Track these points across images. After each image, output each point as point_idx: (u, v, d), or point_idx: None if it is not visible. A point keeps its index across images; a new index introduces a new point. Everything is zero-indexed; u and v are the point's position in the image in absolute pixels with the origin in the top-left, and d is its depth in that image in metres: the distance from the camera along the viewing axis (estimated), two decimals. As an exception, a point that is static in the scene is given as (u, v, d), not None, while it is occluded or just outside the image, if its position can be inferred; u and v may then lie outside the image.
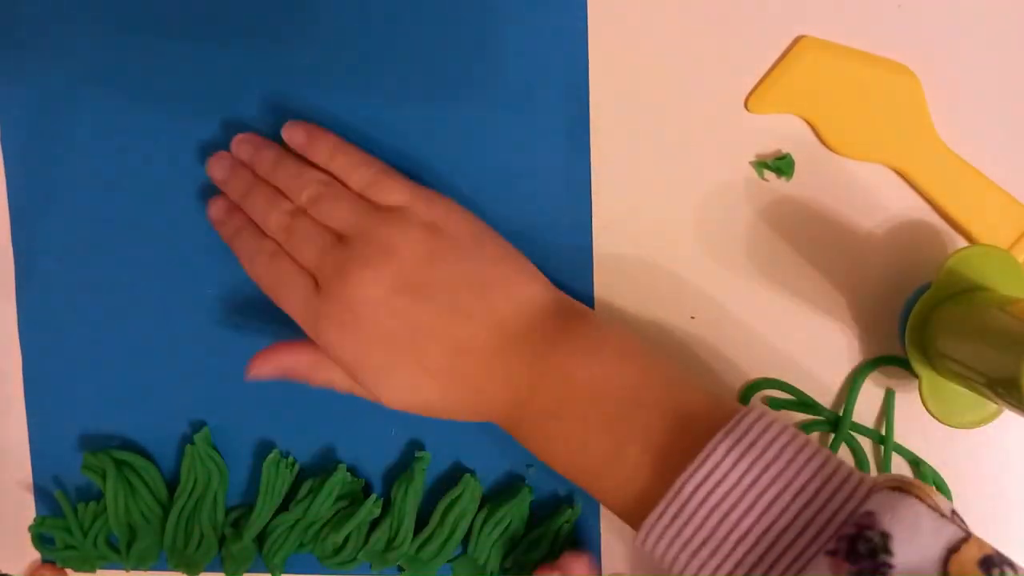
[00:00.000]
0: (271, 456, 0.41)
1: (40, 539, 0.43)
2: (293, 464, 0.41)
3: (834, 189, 0.40)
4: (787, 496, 0.29)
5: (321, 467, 0.42)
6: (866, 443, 0.41)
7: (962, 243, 0.40)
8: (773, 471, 0.29)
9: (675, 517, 0.29)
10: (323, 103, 0.40)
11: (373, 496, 0.41)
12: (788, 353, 0.40)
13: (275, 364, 0.37)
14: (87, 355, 0.42)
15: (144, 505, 0.41)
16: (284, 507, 0.41)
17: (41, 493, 0.43)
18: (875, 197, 0.40)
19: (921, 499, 0.28)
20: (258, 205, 0.37)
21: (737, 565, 0.29)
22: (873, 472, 0.41)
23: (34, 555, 0.44)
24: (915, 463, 0.40)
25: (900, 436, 0.40)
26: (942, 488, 0.40)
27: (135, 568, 0.42)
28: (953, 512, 0.29)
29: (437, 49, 0.39)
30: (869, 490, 0.29)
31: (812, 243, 0.40)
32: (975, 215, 0.39)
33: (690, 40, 0.39)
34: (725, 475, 0.29)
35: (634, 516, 0.32)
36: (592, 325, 0.35)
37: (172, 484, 0.42)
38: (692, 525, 0.29)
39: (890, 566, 0.26)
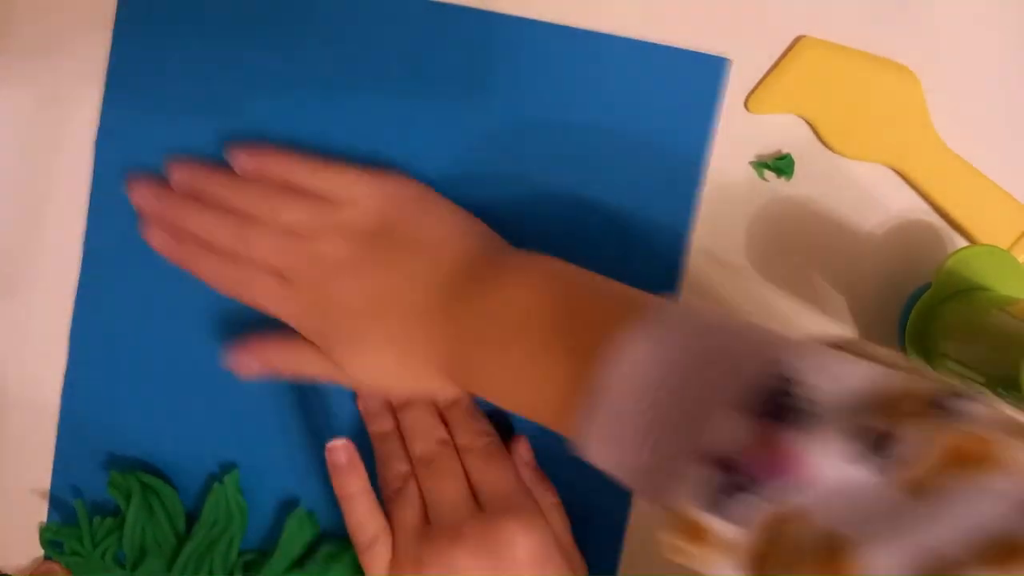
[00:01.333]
0: (297, 511, 0.41)
1: (50, 544, 0.43)
2: (316, 524, 0.41)
3: (834, 189, 0.40)
4: (693, 361, 0.27)
5: (342, 531, 0.42)
6: (866, 443, 0.41)
7: (962, 243, 0.40)
8: (682, 342, 0.28)
9: (598, 415, 0.29)
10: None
11: None
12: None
13: (258, 356, 0.38)
14: (130, 376, 0.42)
15: (160, 532, 0.41)
16: (299, 564, 0.41)
17: (56, 500, 0.43)
18: (875, 197, 0.40)
19: (844, 348, 0.26)
20: (202, 224, 0.38)
21: (650, 441, 0.28)
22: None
23: (34, 557, 0.44)
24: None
25: (900, 436, 0.40)
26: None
27: (137, 586, 0.42)
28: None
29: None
30: (784, 345, 0.27)
31: (812, 243, 0.40)
32: (975, 215, 0.39)
33: (690, 40, 0.39)
34: (637, 360, 0.28)
35: (567, 425, 0.31)
36: (516, 257, 0.36)
37: (190, 517, 0.42)
38: (613, 417, 0.28)
39: (795, 410, 0.24)
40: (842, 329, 0.40)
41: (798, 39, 0.39)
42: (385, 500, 0.38)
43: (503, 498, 0.36)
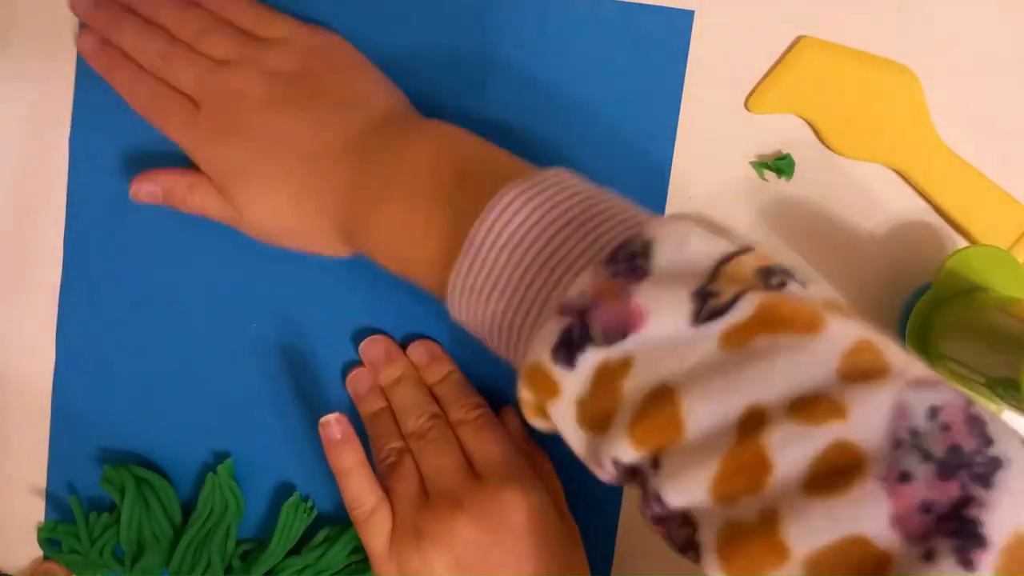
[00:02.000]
0: (291, 499, 0.41)
1: (47, 543, 0.43)
2: (311, 509, 0.41)
3: (834, 189, 0.40)
4: (561, 224, 0.28)
5: (337, 517, 0.42)
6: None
7: (962, 243, 0.40)
8: (553, 206, 0.29)
9: (469, 267, 0.29)
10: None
11: None
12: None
13: (155, 181, 0.38)
14: (120, 370, 0.42)
15: (156, 524, 0.41)
16: (296, 550, 0.41)
17: (52, 498, 0.43)
18: (875, 197, 0.40)
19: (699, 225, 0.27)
20: (133, 36, 0.38)
21: (514, 297, 0.29)
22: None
23: (34, 557, 0.44)
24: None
25: (900, 436, 0.40)
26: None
27: (136, 582, 0.42)
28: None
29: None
30: (648, 217, 0.29)
31: (812, 243, 0.40)
32: (975, 215, 0.39)
33: (690, 40, 0.39)
34: (512, 217, 0.29)
35: (443, 282, 0.31)
36: (424, 123, 0.36)
37: (186, 508, 0.42)
38: (482, 270, 0.29)
39: (645, 271, 0.26)
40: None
41: (798, 39, 0.39)
42: (381, 476, 0.38)
43: (499, 466, 0.36)
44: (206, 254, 0.41)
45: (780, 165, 0.39)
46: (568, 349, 0.26)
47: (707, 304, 0.25)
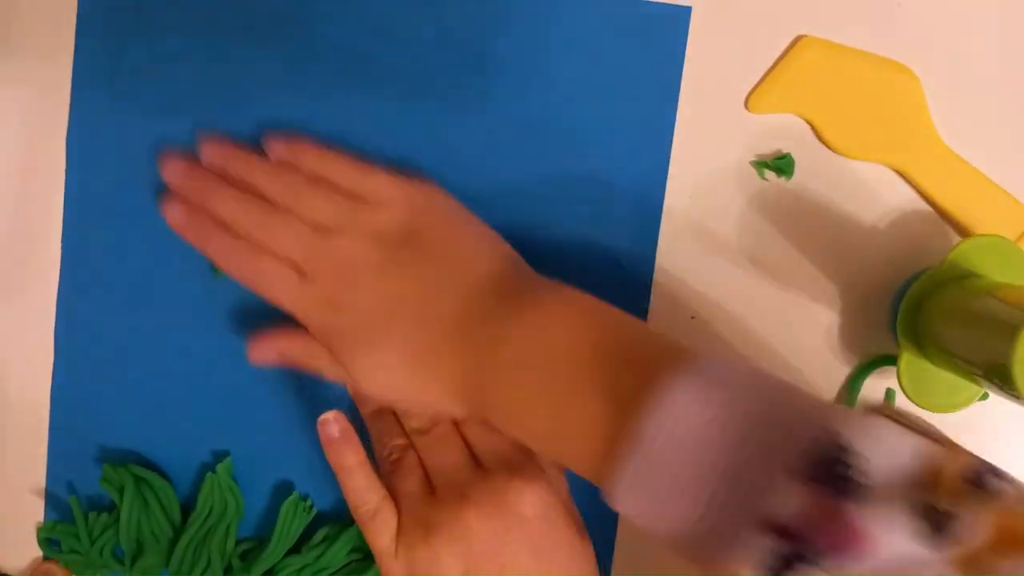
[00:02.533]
0: (290, 499, 0.41)
1: (47, 542, 0.43)
2: (311, 508, 0.41)
3: (834, 189, 0.40)
4: (748, 423, 0.27)
5: (337, 515, 0.42)
6: (866, 443, 0.41)
7: (962, 243, 0.40)
8: (732, 400, 0.28)
9: (639, 466, 0.28)
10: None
11: None
12: (789, 353, 0.40)
13: (273, 347, 0.38)
14: (119, 369, 0.42)
15: (156, 524, 0.41)
16: (296, 549, 0.41)
17: (52, 498, 0.43)
18: (875, 197, 0.40)
19: (890, 417, 0.27)
20: (228, 205, 0.37)
21: (702, 503, 0.27)
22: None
23: (33, 556, 0.44)
24: (915, 463, 0.40)
25: (900, 436, 0.40)
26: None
27: (136, 581, 0.43)
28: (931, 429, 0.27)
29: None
30: (836, 414, 0.28)
31: (812, 243, 0.40)
32: (975, 215, 0.39)
33: (689, 40, 0.39)
34: (684, 412, 0.28)
35: (601, 472, 0.30)
36: (552, 289, 0.35)
37: (185, 507, 0.42)
38: (656, 471, 0.28)
39: (855, 483, 0.24)
40: (843, 330, 0.40)
41: (798, 39, 0.39)
42: (384, 475, 0.37)
43: (505, 459, 0.36)
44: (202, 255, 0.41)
45: (780, 165, 0.39)
46: (782, 567, 0.24)
47: (932, 520, 0.23)
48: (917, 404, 0.36)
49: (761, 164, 0.39)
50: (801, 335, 0.40)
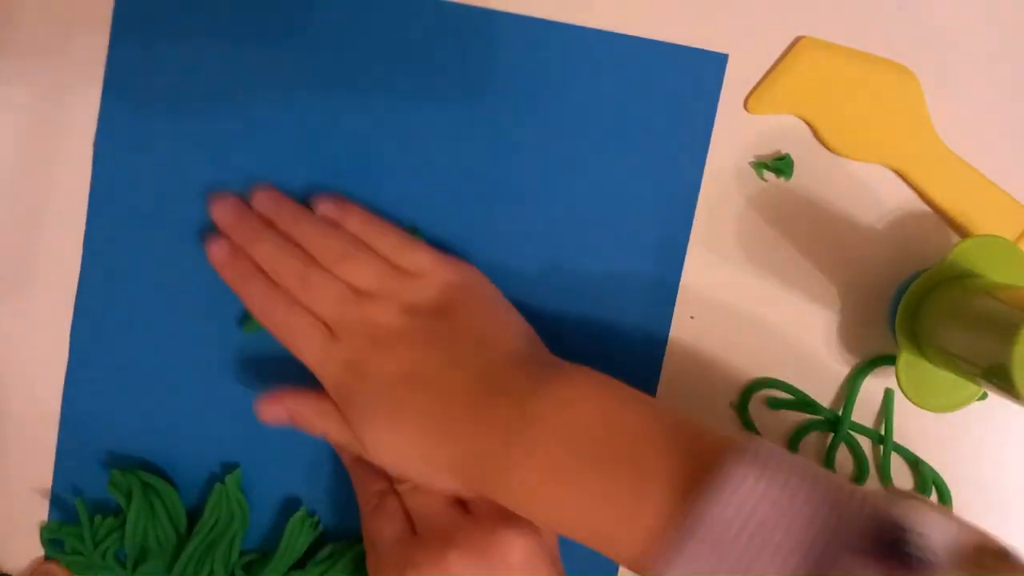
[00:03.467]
0: (298, 514, 0.41)
1: (50, 543, 0.43)
2: (317, 524, 0.41)
3: (834, 189, 0.40)
4: (810, 505, 0.28)
5: (343, 532, 0.42)
6: (865, 443, 0.41)
7: (961, 243, 0.40)
8: (787, 483, 0.28)
9: (696, 553, 0.28)
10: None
11: None
12: (788, 353, 0.40)
13: (283, 405, 0.38)
14: (132, 376, 0.42)
15: (161, 531, 0.41)
16: (300, 564, 0.41)
17: (57, 500, 0.43)
18: (875, 197, 0.40)
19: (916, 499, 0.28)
20: (271, 252, 0.38)
21: None
22: (872, 472, 0.41)
23: (34, 556, 0.44)
24: (914, 463, 0.40)
25: (899, 436, 0.40)
26: (941, 487, 0.40)
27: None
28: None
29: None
30: (882, 497, 0.29)
31: (812, 243, 0.40)
32: (975, 215, 0.39)
33: (689, 39, 0.39)
34: (750, 492, 0.28)
35: (652, 552, 0.30)
36: (576, 369, 0.35)
37: (191, 516, 0.42)
38: (718, 548, 0.28)
39: (923, 562, 0.26)
40: (842, 329, 0.40)
41: (798, 39, 0.39)
42: (365, 519, 0.37)
43: (495, 506, 0.35)
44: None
45: (779, 165, 0.39)
46: None
47: None
48: (916, 404, 0.36)
49: (760, 165, 0.39)
50: (800, 335, 0.40)
